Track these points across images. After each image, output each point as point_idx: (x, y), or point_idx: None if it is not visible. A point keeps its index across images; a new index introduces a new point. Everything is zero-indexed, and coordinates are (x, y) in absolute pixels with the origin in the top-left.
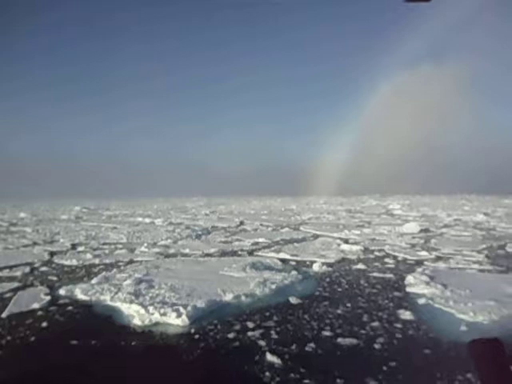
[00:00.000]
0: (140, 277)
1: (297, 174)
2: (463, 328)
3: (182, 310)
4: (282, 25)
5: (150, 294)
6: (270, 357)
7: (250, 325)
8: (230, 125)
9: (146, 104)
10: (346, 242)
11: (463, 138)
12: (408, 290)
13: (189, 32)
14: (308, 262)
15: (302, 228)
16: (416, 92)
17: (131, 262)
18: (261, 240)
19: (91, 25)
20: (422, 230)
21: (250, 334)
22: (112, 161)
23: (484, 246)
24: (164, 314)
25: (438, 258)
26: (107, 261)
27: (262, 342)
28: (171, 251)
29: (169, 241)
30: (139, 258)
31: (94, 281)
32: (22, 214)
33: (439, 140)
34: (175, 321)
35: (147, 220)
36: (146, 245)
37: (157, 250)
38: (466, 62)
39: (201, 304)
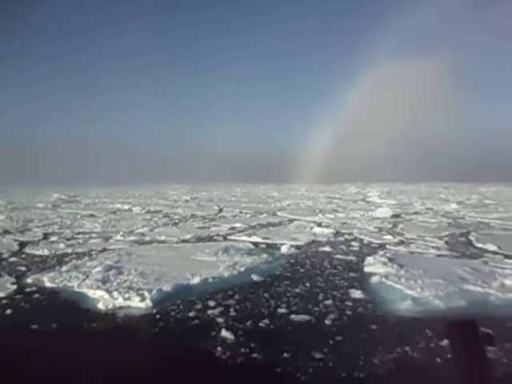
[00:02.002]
0: (110, 264)
1: (281, 161)
2: (408, 302)
3: (146, 294)
4: (270, 18)
5: (118, 280)
6: (224, 333)
7: (211, 304)
8: (217, 116)
9: (146, 94)
10: (319, 225)
11: (443, 128)
12: (366, 269)
13: (181, 26)
14: (279, 245)
15: (279, 213)
16: (399, 84)
17: (104, 250)
18: (237, 225)
19: None
20: (392, 216)
21: (209, 312)
22: (109, 149)
23: (447, 233)
24: (128, 299)
25: (401, 242)
26: (80, 250)
27: (219, 319)
28: (147, 239)
29: (145, 229)
30: (113, 247)
31: (63, 269)
32: None
33: (420, 130)
34: (138, 304)
35: (126, 207)
36: (121, 233)
37: (132, 238)
38: (446, 56)
39: (167, 288)
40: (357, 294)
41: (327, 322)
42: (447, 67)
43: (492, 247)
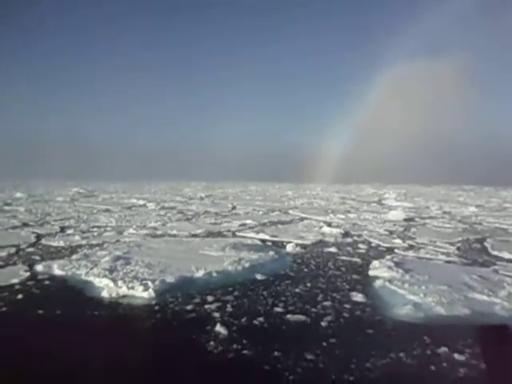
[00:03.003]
0: (119, 254)
1: (298, 161)
2: (409, 307)
3: (150, 284)
4: (282, 19)
5: (125, 270)
6: (218, 327)
7: (210, 298)
8: (234, 114)
9: (161, 91)
10: (329, 225)
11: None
12: (370, 273)
13: (194, 24)
14: (285, 243)
15: (291, 212)
16: (414, 85)
17: (116, 242)
18: (248, 222)
19: None
20: (405, 219)
21: (207, 306)
22: (123, 145)
23: (460, 238)
24: (132, 288)
25: (410, 247)
26: (94, 242)
27: (216, 314)
28: (158, 232)
29: (158, 223)
30: (126, 239)
31: (73, 258)
32: (19, 194)
33: (438, 131)
34: (141, 294)
35: (141, 202)
36: (134, 227)
37: (145, 231)
38: (462, 58)
39: (170, 279)
40: (358, 297)
41: (323, 323)
42: (461, 68)
43: (508, 255)
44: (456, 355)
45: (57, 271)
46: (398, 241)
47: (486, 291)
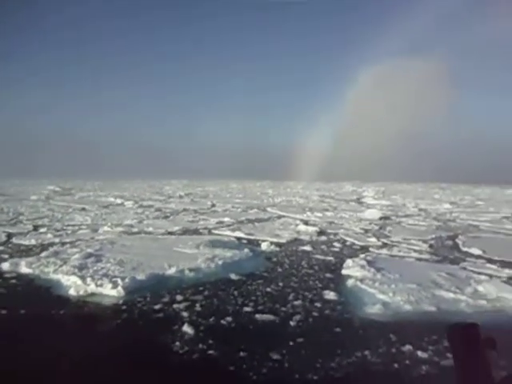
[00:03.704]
0: (91, 252)
1: (280, 159)
2: (378, 306)
3: (119, 281)
4: (269, 18)
5: (95, 268)
6: (185, 327)
7: (180, 297)
8: (219, 112)
9: (145, 88)
10: (306, 223)
11: (440, 128)
12: (343, 272)
13: (169, 24)
14: (260, 241)
15: (269, 209)
16: (397, 84)
17: (89, 240)
18: (226, 220)
19: None
20: (381, 218)
21: (176, 305)
22: (103, 143)
23: (434, 236)
24: (100, 286)
25: (384, 245)
26: (66, 240)
27: (184, 314)
28: (134, 230)
29: (134, 221)
30: (100, 237)
31: (42, 255)
32: None
33: (418, 130)
34: (110, 292)
35: (119, 201)
36: (109, 224)
37: (120, 229)
38: (442, 57)
39: (141, 277)
40: (329, 295)
41: (292, 322)
42: (444, 68)
43: (477, 251)
44: (419, 353)
45: (24, 269)
46: (373, 239)
47: (453, 289)
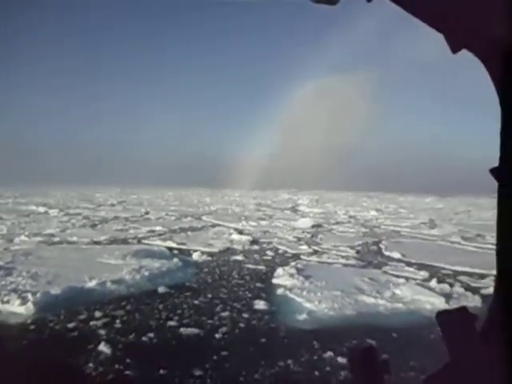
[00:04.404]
0: (1, 265)
1: (219, 167)
2: (303, 316)
3: (29, 297)
4: (211, 31)
5: (3, 282)
6: (102, 347)
7: (99, 314)
8: (157, 117)
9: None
10: (240, 232)
11: (370, 140)
12: (273, 281)
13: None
14: (192, 251)
15: (204, 218)
16: (329, 99)
17: (3, 251)
18: (158, 228)
19: None
20: (314, 226)
21: (93, 323)
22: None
23: (361, 242)
24: (7, 302)
25: (315, 252)
26: None
27: (101, 331)
28: (55, 240)
29: (57, 230)
30: (16, 247)
31: None
32: None
33: (349, 142)
34: (17, 309)
35: (41, 210)
36: (27, 233)
37: (39, 238)
38: (371, 76)
39: (56, 291)
40: (258, 306)
41: (217, 335)
42: (373, 85)
43: (397, 255)
44: (339, 358)
45: None
46: (305, 247)
47: (373, 293)
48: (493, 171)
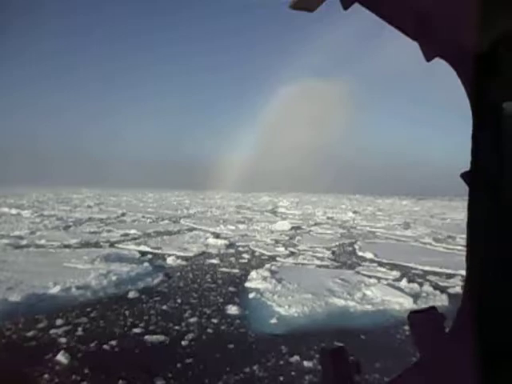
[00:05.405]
0: None
1: (202, 169)
2: (273, 321)
3: None
4: (190, 34)
5: None
6: (60, 356)
7: (60, 321)
8: (138, 119)
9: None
10: (217, 236)
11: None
12: (246, 284)
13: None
14: (166, 256)
15: (182, 221)
16: (315, 100)
17: None
18: (132, 232)
19: None
20: (293, 227)
21: (53, 331)
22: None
23: (337, 243)
24: None
25: (291, 254)
26: None
27: (61, 340)
28: (23, 243)
29: (26, 232)
30: None
31: None
32: None
33: (332, 145)
34: None
35: (13, 211)
36: None
37: (5, 241)
38: (349, 81)
39: (16, 298)
40: (228, 311)
41: (183, 342)
42: (351, 90)
43: (370, 256)
44: (305, 362)
45: None
46: (281, 249)
47: (344, 295)
48: (464, 176)
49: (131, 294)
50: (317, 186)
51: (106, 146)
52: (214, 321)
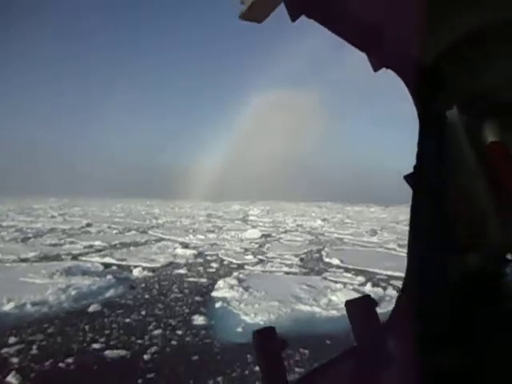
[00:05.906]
0: None
1: (170, 177)
2: (239, 330)
3: None
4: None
5: None
6: (11, 377)
7: (13, 339)
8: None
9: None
10: (186, 246)
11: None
12: (213, 294)
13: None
14: (132, 267)
15: (150, 232)
16: (287, 109)
17: None
18: (96, 243)
19: None
20: (263, 235)
21: (5, 350)
22: None
23: (305, 250)
24: None
25: (260, 262)
26: None
27: (14, 359)
28: None
29: None
30: None
31: None
32: None
33: (298, 154)
34: None
35: None
36: None
37: None
38: (319, 91)
39: None
40: (195, 321)
41: (146, 356)
42: (321, 100)
43: (337, 262)
44: None
45: None
46: (250, 257)
47: (310, 301)
48: (406, 178)
49: (92, 308)
50: (288, 194)
51: (71, 156)
52: (179, 332)
